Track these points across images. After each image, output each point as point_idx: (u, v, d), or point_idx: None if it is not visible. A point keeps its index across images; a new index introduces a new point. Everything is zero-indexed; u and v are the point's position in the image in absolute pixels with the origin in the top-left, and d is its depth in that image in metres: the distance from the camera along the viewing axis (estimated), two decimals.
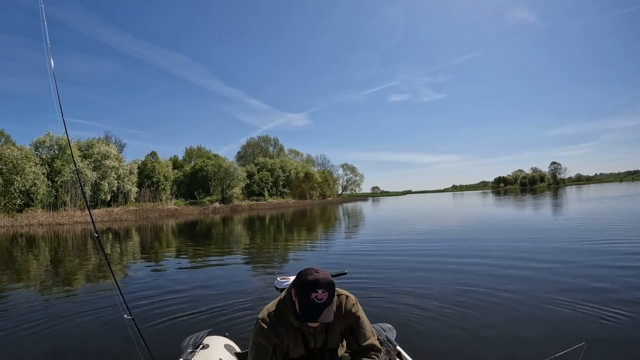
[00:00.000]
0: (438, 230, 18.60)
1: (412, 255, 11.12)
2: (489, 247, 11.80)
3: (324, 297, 2.12)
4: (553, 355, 2.10)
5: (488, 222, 21.24)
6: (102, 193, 46.34)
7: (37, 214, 38.38)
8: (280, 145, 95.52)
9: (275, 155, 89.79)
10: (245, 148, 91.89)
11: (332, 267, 9.21)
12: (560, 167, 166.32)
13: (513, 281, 7.30)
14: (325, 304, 2.12)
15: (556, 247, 11.03)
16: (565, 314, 5.30)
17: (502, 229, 17.23)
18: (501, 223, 20.23)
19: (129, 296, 7.18)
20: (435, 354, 4.27)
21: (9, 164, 38.95)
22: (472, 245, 12.78)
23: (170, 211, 49.92)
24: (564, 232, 14.80)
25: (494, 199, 58.23)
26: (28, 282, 10.15)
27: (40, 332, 5.61)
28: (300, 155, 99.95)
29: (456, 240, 14.36)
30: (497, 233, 15.89)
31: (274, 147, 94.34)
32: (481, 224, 20.43)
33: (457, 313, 5.60)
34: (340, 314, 2.37)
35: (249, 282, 8.81)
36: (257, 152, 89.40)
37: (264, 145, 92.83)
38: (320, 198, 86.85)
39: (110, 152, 48.17)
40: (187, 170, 65.02)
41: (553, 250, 10.56)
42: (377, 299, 6.53)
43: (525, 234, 14.55)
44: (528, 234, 14.65)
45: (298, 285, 2.20)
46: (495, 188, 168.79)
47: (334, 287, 2.21)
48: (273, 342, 2.29)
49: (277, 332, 2.29)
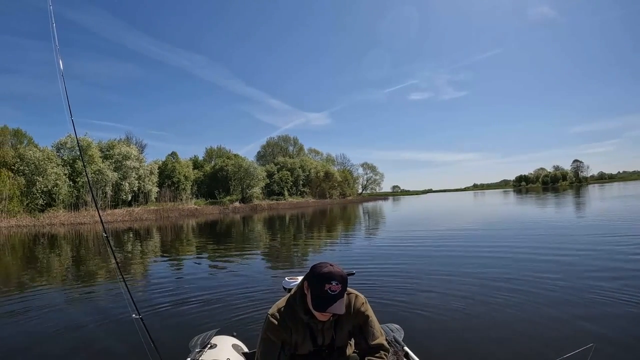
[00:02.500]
0: (453, 230, 17.85)
1: (425, 256, 10.85)
2: (500, 247, 11.43)
3: (337, 289, 2.11)
4: (561, 356, 2.02)
5: (504, 222, 20.70)
6: (123, 193, 46.19)
7: (59, 214, 38.25)
8: (300, 144, 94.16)
9: (295, 155, 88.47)
10: (265, 148, 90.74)
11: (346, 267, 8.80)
12: (583, 165, 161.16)
13: (522, 282, 7.10)
14: (338, 296, 2.12)
15: (568, 247, 10.71)
16: (574, 315, 5.19)
17: (517, 228, 16.95)
18: (516, 222, 19.84)
19: (140, 295, 7.46)
20: (442, 355, 4.20)
21: (31, 165, 39.26)
22: (484, 245, 12.33)
23: (191, 211, 49.35)
24: (579, 231, 14.41)
25: (514, 198, 56.22)
26: (46, 280, 10.16)
27: (50, 330, 5.67)
28: (320, 154, 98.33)
29: (469, 240, 13.93)
30: (511, 232, 15.61)
31: (293, 147, 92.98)
32: (497, 223, 19.95)
33: (465, 314, 5.51)
34: (349, 312, 2.34)
35: (259, 282, 8.53)
36: (277, 152, 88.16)
37: (283, 144, 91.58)
38: (340, 197, 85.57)
39: (130, 153, 48.14)
40: (208, 170, 64.62)
41: (564, 251, 10.16)
42: (385, 299, 6.40)
43: (539, 233, 14.26)
44: (542, 233, 14.36)
45: (312, 277, 2.19)
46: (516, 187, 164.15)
47: (347, 280, 2.20)
48: (282, 338, 2.27)
49: (286, 327, 2.27)
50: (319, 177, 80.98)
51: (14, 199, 36.95)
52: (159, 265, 12.48)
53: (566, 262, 8.62)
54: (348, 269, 2.37)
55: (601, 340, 4.18)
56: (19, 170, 38.79)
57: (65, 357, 4.69)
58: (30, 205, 38.06)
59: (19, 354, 4.86)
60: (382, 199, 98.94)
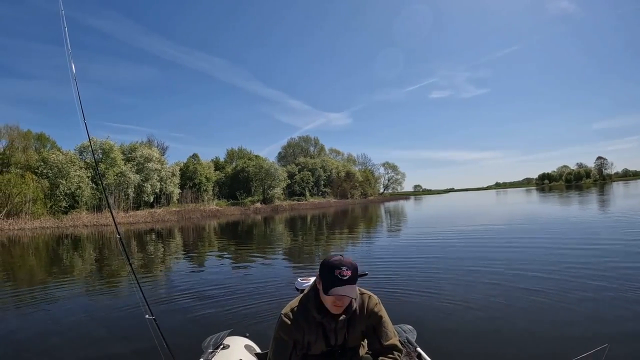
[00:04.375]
0: (471, 230, 17.17)
1: (441, 257, 10.47)
2: (516, 248, 11.03)
3: (348, 275, 2.11)
4: (576, 356, 1.97)
5: (525, 221, 19.91)
6: (145, 195, 45.91)
7: (82, 216, 37.91)
8: (321, 145, 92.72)
9: (316, 155, 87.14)
10: (286, 148, 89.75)
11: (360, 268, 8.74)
12: (607, 162, 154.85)
13: (536, 282, 6.88)
14: (348, 281, 2.11)
15: (587, 246, 10.42)
16: (588, 315, 5.11)
17: (537, 226, 16.44)
18: (537, 221, 19.23)
19: (155, 296, 7.41)
20: (456, 356, 4.12)
21: (55, 168, 39.34)
22: (500, 245, 11.93)
23: (212, 212, 48.69)
24: (602, 230, 13.80)
25: (537, 197, 54.26)
26: (65, 279, 10.21)
27: (63, 329, 5.72)
28: (341, 154, 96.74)
29: (487, 239, 13.49)
30: (530, 231, 15.09)
31: (314, 147, 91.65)
32: (518, 222, 19.30)
33: (478, 314, 5.41)
34: (362, 312, 2.31)
35: (273, 283, 8.30)
36: (297, 152, 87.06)
37: (304, 145, 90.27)
38: (361, 197, 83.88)
39: (152, 155, 47.92)
40: (229, 172, 64.04)
41: (580, 251, 9.84)
42: (399, 299, 6.38)
43: (559, 233, 13.65)
44: (563, 232, 13.88)
45: (322, 268, 2.19)
46: (539, 185, 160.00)
47: (357, 269, 2.18)
48: (294, 337, 2.25)
49: (299, 327, 2.25)
50: (340, 177, 79.57)
51: (38, 201, 36.82)
52: (176, 265, 12.35)
53: (584, 262, 8.32)
54: (361, 270, 2.28)
55: (616, 340, 4.11)
56: (42, 174, 38.79)
57: (78, 357, 4.67)
58: (53, 208, 37.92)
59: (32, 351, 4.88)
60: (403, 198, 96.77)
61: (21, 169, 38.90)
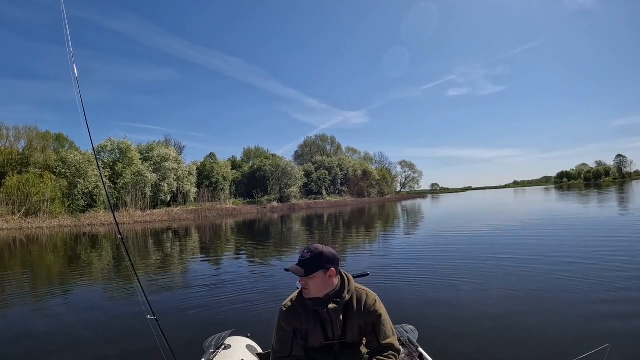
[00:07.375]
0: (483, 229, 16.57)
1: (450, 257, 10.20)
2: (520, 249, 10.57)
3: (306, 257, 2.18)
4: (577, 356, 1.95)
5: (540, 220, 19.25)
6: (162, 194, 45.21)
7: (99, 215, 37.26)
8: (337, 143, 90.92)
9: (333, 154, 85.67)
10: (302, 147, 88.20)
11: (369, 268, 9.03)
12: (626, 160, 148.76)
13: (539, 283, 6.77)
14: (303, 261, 2.18)
15: (591, 247, 10.06)
16: (590, 315, 5.04)
17: (546, 227, 15.68)
18: (551, 220, 18.65)
19: (157, 296, 7.37)
20: (457, 356, 4.05)
21: (73, 168, 38.99)
22: (507, 245, 11.52)
23: (229, 210, 47.69)
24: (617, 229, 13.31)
25: (555, 195, 52.00)
26: (76, 278, 10.18)
27: (66, 328, 5.72)
28: (358, 153, 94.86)
29: (494, 239, 13.13)
30: (536, 232, 14.27)
31: (331, 146, 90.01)
32: (532, 222, 18.53)
33: (481, 314, 5.33)
34: (360, 308, 2.30)
35: (277, 282, 8.11)
36: (314, 151, 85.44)
37: (321, 143, 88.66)
38: (378, 196, 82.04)
39: (169, 155, 47.30)
40: (246, 170, 63.05)
41: (586, 250, 9.53)
42: (403, 299, 6.30)
43: (569, 232, 13.43)
44: (574, 231, 13.62)
45: None
46: (558, 183, 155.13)
47: (321, 254, 2.20)
48: (293, 325, 2.26)
49: (297, 314, 2.27)
50: (357, 176, 77.84)
51: (56, 200, 36.44)
52: (183, 265, 12.13)
53: (585, 262, 8.19)
54: (361, 270, 2.42)
55: (618, 340, 4.05)
56: (61, 173, 38.46)
57: (78, 357, 4.61)
58: (72, 207, 37.49)
59: (33, 351, 4.86)
60: (420, 197, 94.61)
61: (40, 169, 38.56)
